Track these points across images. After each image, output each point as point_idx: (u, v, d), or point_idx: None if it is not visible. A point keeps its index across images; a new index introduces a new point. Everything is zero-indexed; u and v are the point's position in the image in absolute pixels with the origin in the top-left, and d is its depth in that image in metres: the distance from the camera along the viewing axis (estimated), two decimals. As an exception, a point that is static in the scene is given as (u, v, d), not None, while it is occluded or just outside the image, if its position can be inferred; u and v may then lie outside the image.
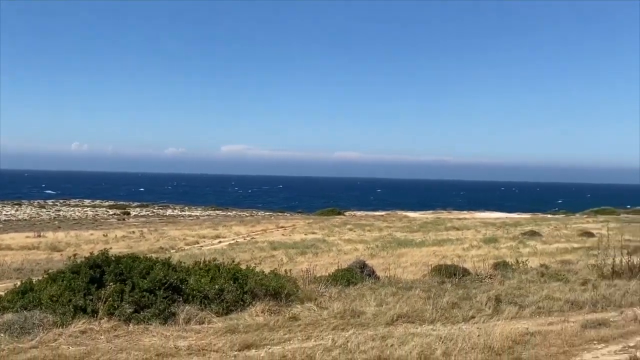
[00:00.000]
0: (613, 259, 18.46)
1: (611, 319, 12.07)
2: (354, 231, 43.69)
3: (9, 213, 69.50)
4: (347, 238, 38.11)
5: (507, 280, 16.86)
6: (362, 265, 17.97)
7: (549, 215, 75.64)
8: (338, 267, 18.22)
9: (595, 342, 10.28)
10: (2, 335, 9.65)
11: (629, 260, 18.44)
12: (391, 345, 9.21)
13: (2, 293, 12.68)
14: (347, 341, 9.51)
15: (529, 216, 73.14)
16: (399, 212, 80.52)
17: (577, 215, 75.72)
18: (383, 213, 79.61)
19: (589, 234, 38.29)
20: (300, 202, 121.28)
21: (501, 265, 20.36)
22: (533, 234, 39.48)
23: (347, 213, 77.62)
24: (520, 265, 20.17)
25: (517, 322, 11.76)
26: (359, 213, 79.07)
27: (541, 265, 20.79)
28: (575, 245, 31.67)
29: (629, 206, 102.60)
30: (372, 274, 17.39)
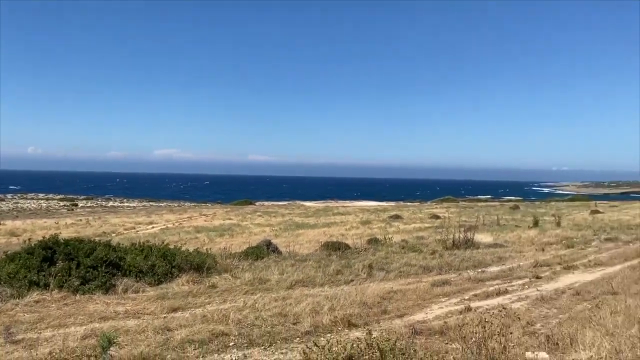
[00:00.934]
0: (453, 235, 19.17)
1: (452, 279, 12.51)
2: (263, 217, 43.40)
3: (-27, 206, 65.11)
4: (257, 222, 37.81)
5: (377, 252, 17.19)
6: (268, 243, 17.88)
7: (408, 203, 77.73)
8: (249, 245, 18.09)
9: (440, 296, 10.64)
10: (-34, 307, 9.21)
11: (464, 236, 19.22)
12: (290, 304, 9.23)
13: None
14: (255, 302, 9.47)
15: (394, 204, 74.88)
16: (298, 202, 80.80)
17: (429, 202, 78.13)
18: (285, 203, 79.58)
19: (437, 217, 39.54)
20: (222, 195, 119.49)
21: (373, 241, 20.71)
22: (397, 217, 40.37)
23: (257, 203, 76.96)
24: (387, 240, 20.58)
25: (384, 283, 12.02)
26: (267, 203, 78.66)
27: (402, 240, 21.30)
28: (427, 225, 32.61)
29: (467, 196, 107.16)
30: (276, 250, 17.33)
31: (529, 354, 5.75)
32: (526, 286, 11.66)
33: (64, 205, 69.31)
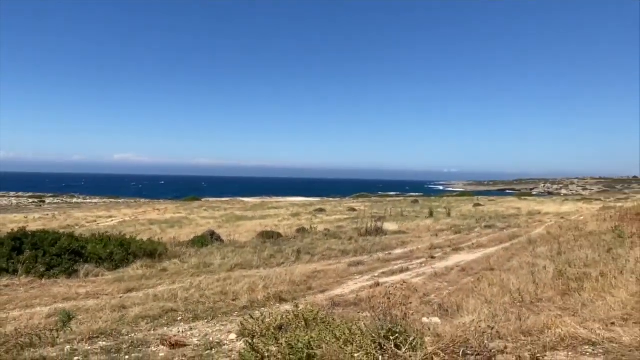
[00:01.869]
0: (366, 224, 19.50)
1: (365, 260, 12.72)
2: (208, 211, 42.38)
3: (-51, 203, 60.14)
4: (202, 216, 36.89)
5: (304, 239, 17.24)
6: (212, 233, 17.56)
7: (331, 199, 78.07)
8: (196, 235, 17.69)
9: (355, 274, 10.79)
10: (-60, 292, 8.60)
11: (375, 225, 19.59)
12: (230, 284, 9.12)
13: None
14: (200, 283, 9.30)
15: (319, 199, 75.13)
16: (238, 198, 79.49)
17: (348, 198, 79.04)
18: (228, 199, 77.94)
19: (354, 210, 40.03)
20: (175, 193, 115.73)
21: (301, 230, 20.77)
22: (321, 210, 40.47)
23: (203, 199, 74.87)
24: (313, 229, 20.71)
25: (310, 265, 12.07)
26: (211, 199, 76.73)
27: (325, 229, 21.45)
28: (346, 216, 32.97)
29: (379, 192, 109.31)
30: (218, 238, 17.05)
31: (425, 320, 5.93)
32: (423, 265, 12.01)
33: (33, 202, 64.96)
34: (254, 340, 4.53)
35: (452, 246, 15.26)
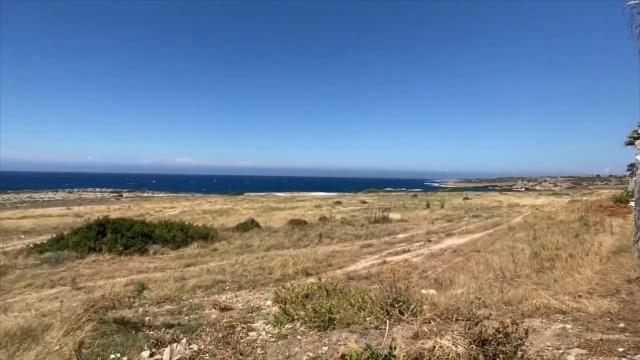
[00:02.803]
0: (375, 214, 19.41)
1: (374, 243, 12.67)
2: (249, 203, 42.70)
3: (50, 196, 61.88)
4: (245, 207, 37.17)
5: (325, 226, 17.26)
6: (252, 221, 17.70)
7: (346, 193, 77.94)
8: (239, 222, 17.87)
9: (367, 254, 10.76)
10: (44, 265, 9.12)
11: (382, 214, 19.49)
12: (266, 261, 9.19)
13: (45, 240, 11.59)
14: (243, 260, 9.39)
15: (337, 194, 75.03)
16: (273, 193, 79.89)
17: (360, 193, 78.75)
18: (264, 194, 78.39)
19: (365, 202, 39.87)
20: (223, 189, 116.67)
21: (323, 219, 20.76)
22: (338, 202, 40.40)
23: (245, 194, 75.60)
24: (332, 218, 20.68)
25: (330, 246, 12.08)
26: (252, 194, 77.25)
27: (342, 218, 21.41)
28: (358, 207, 32.87)
29: (386, 188, 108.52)
30: (257, 225, 17.17)
31: (423, 291, 5.86)
32: (422, 247, 11.91)
33: (113, 196, 66.55)
34: (286, 306, 4.55)
35: (445, 232, 15.09)
